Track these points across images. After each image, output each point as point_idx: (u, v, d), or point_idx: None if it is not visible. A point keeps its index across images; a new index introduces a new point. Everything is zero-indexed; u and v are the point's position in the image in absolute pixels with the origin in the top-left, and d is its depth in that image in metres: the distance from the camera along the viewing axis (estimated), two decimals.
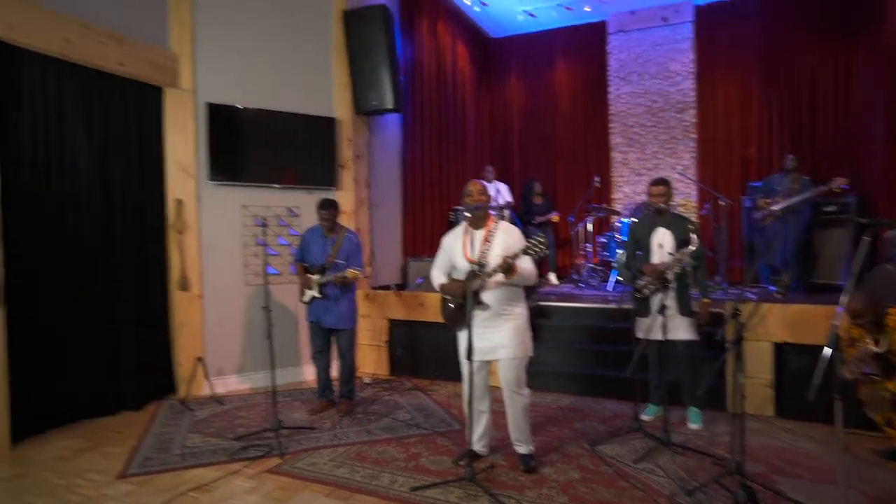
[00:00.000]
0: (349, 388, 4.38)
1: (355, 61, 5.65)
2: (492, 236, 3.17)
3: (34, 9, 3.73)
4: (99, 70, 4.20)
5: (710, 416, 4.00)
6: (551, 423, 4.06)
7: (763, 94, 7.48)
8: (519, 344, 3.15)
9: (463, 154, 7.92)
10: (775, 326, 4.09)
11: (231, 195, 5.07)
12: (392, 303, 5.45)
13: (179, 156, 4.80)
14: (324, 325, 4.26)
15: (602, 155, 8.40)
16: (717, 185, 7.60)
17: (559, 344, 5.16)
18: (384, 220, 6.22)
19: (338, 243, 4.29)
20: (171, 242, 4.76)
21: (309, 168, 5.43)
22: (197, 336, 4.81)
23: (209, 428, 3.95)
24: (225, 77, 5.02)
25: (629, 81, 8.32)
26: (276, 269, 5.25)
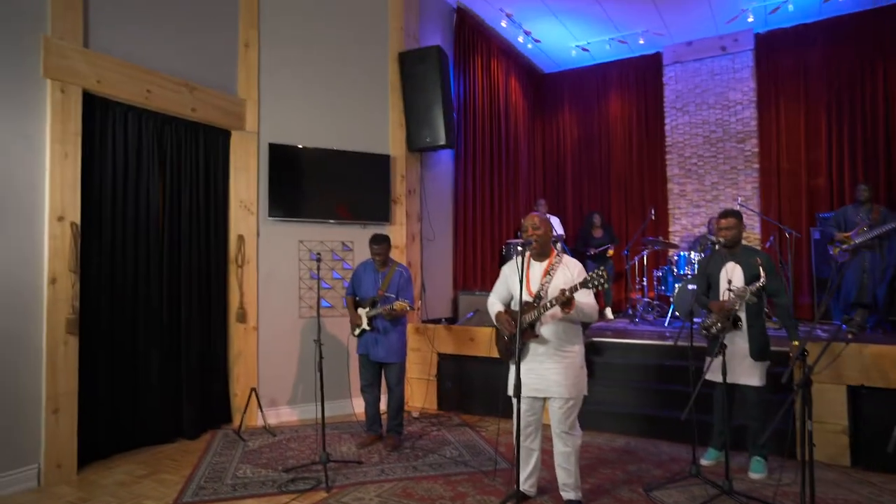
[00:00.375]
0: (397, 422, 4.37)
1: (410, 100, 5.84)
2: (553, 269, 3.13)
3: (120, 64, 4.09)
4: (173, 116, 4.53)
5: (777, 464, 3.72)
6: (603, 465, 3.89)
7: (832, 122, 7.16)
8: (573, 384, 3.06)
9: (515, 187, 7.95)
10: (850, 368, 3.80)
11: (288, 230, 5.28)
12: (442, 336, 5.45)
13: (242, 194, 5.06)
14: (373, 357, 4.31)
15: (658, 187, 8.22)
16: (782, 217, 7.27)
17: (613, 382, 4.99)
18: (436, 253, 6.29)
19: (388, 277, 4.36)
20: (232, 276, 4.98)
21: (363, 204, 5.59)
22: (252, 367, 4.97)
23: (260, 459, 4.03)
24: (286, 118, 5.30)
25: (686, 112, 8.16)
26: (329, 303, 5.39)
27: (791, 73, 7.47)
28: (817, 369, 3.63)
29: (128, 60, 4.17)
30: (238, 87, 5.10)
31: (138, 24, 4.30)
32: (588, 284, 2.83)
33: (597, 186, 8.69)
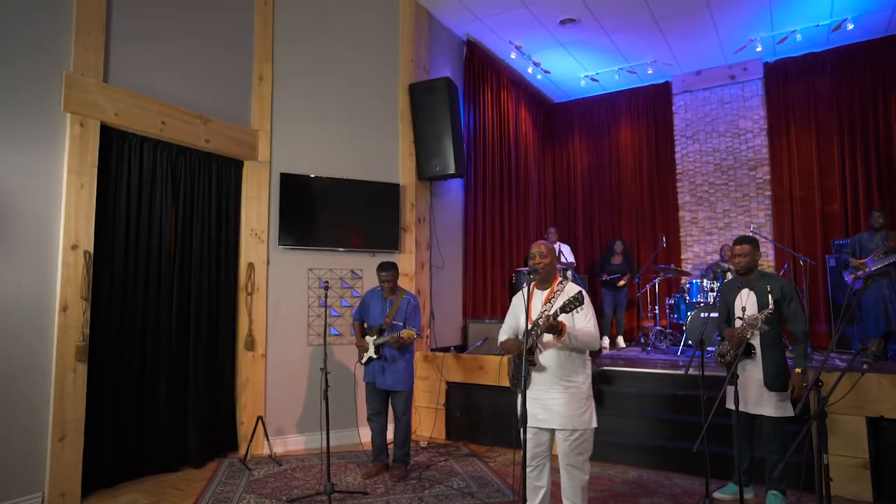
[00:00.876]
0: (404, 451, 4.31)
1: (420, 130, 5.92)
2: (554, 297, 3.10)
3: (136, 97, 4.23)
4: (187, 146, 4.64)
5: (797, 499, 3.60)
6: (615, 499, 3.78)
7: (844, 149, 7.13)
8: (578, 415, 2.98)
9: (525, 216, 7.96)
10: (870, 399, 3.69)
11: (298, 258, 5.33)
12: (451, 365, 5.40)
13: (253, 222, 5.13)
14: (380, 385, 4.28)
15: (670, 214, 8.19)
16: (796, 244, 7.19)
17: (624, 412, 4.89)
18: (445, 282, 6.28)
19: (396, 304, 4.36)
20: (241, 303, 5.02)
21: (373, 232, 5.63)
22: (259, 395, 4.96)
23: (265, 489, 3.99)
24: (298, 148, 5.40)
25: (696, 140, 8.18)
26: (337, 331, 5.39)
27: (801, 100, 7.47)
28: (831, 400, 3.55)
29: (144, 93, 4.30)
30: (251, 118, 5.23)
31: (156, 58, 4.45)
32: (566, 309, 2.81)
33: (608, 214, 8.68)
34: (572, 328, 2.90)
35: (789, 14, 6.54)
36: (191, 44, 4.73)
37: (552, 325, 2.82)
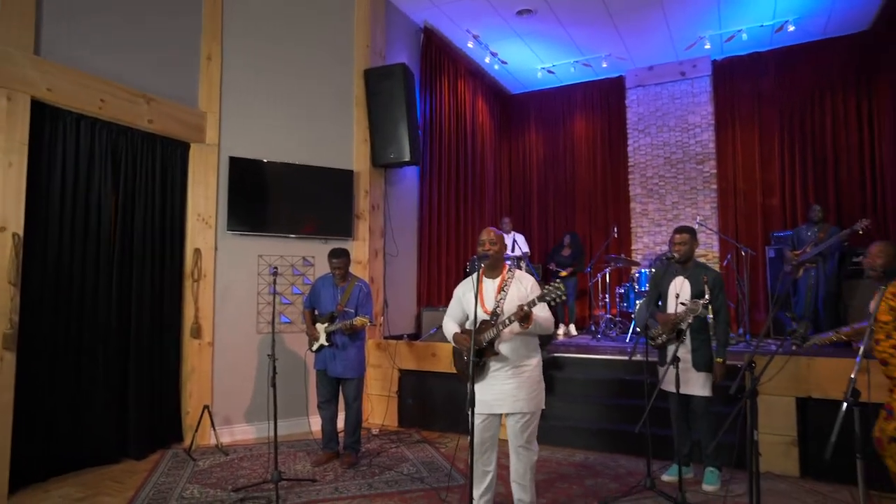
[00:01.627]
0: (354, 438, 4.29)
1: (375, 116, 5.85)
2: (507, 285, 3.11)
3: (72, 72, 4.01)
4: (129, 126, 4.44)
5: (732, 476, 3.76)
6: (561, 480, 3.87)
7: (784, 146, 7.45)
8: (531, 398, 3.03)
9: (481, 205, 8.01)
10: (798, 380, 3.89)
11: (248, 245, 5.20)
12: (403, 353, 5.40)
13: (200, 207, 4.97)
14: (331, 373, 4.24)
15: (621, 206, 8.39)
16: (738, 236, 7.48)
17: (573, 397, 5.00)
18: (399, 270, 6.26)
19: (348, 292, 4.31)
20: (187, 290, 4.87)
21: (325, 219, 5.54)
22: (205, 384, 4.83)
23: (210, 479, 3.90)
24: (248, 132, 5.25)
25: (648, 134, 8.38)
26: (288, 318, 5.30)
27: (746, 98, 7.76)
28: (763, 380, 3.72)
29: (82, 69, 4.09)
30: (199, 99, 5.05)
31: (95, 34, 4.24)
32: (545, 298, 2.83)
33: (562, 205, 8.83)
34: (536, 317, 2.93)
35: (736, 13, 6.76)
36: (134, 20, 4.52)
37: (526, 315, 2.83)
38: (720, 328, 3.68)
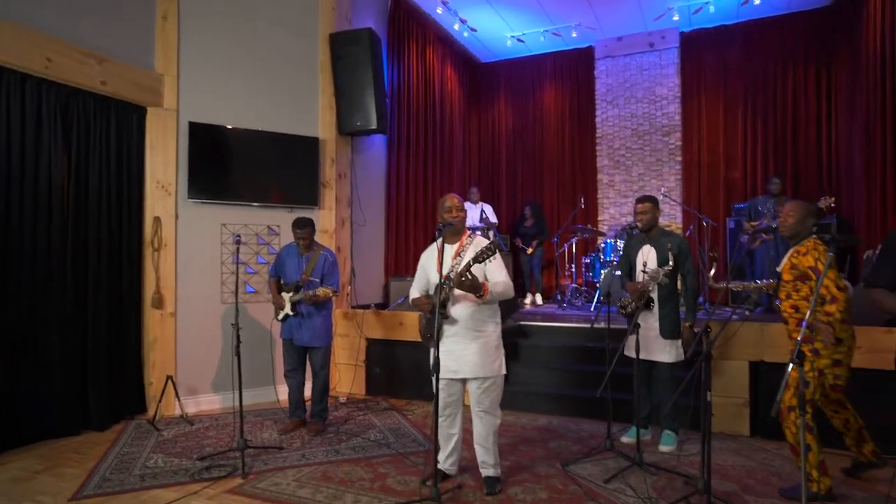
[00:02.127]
0: (321, 407, 4.31)
1: (341, 82, 5.71)
2: (464, 250, 3.15)
3: (12, 28, 3.78)
4: (80, 88, 4.23)
5: (687, 437, 3.93)
6: (525, 444, 3.98)
7: (747, 119, 7.58)
8: (489, 363, 3.09)
9: (450, 175, 7.97)
10: (751, 345, 4.05)
11: (210, 213, 5.07)
12: (371, 322, 5.40)
13: (159, 174, 4.81)
14: (297, 342, 4.22)
15: (589, 177, 8.46)
16: (701, 207, 7.65)
17: (538, 364, 5.11)
18: (367, 239, 6.21)
19: (313, 261, 4.27)
20: (148, 259, 4.74)
21: (290, 187, 5.44)
22: (169, 354, 4.76)
23: (174, 448, 3.87)
24: (209, 96, 5.07)
25: (616, 105, 8.42)
26: (253, 288, 5.23)
27: (712, 70, 7.84)
28: (717, 344, 3.86)
29: (25, 24, 3.86)
30: (155, 61, 4.84)
31: None
32: (479, 259, 2.88)
33: (530, 175, 8.86)
34: (492, 286, 2.97)
35: None
36: None
37: (474, 286, 2.86)
38: (687, 293, 3.77)
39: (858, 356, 3.61)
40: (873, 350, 3.63)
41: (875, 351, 3.63)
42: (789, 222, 3.05)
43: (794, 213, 3.05)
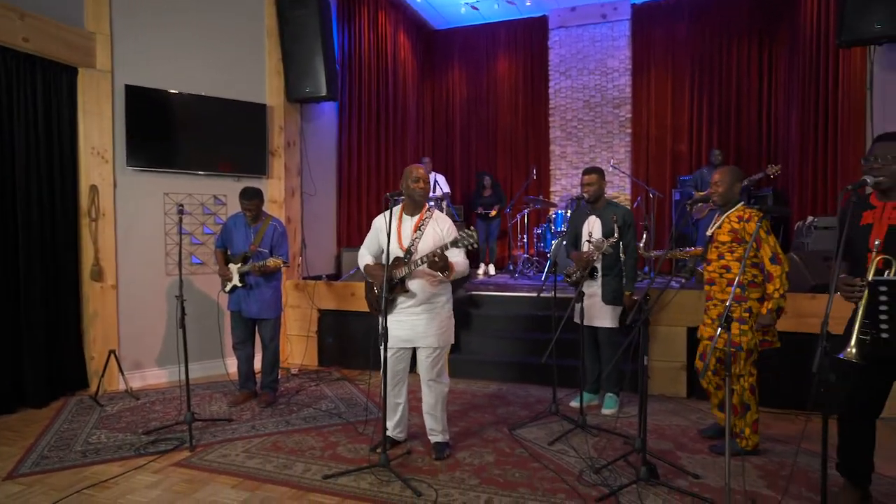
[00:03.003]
0: (272, 378, 4.28)
1: (288, 47, 5.52)
2: (424, 225, 3.14)
3: None
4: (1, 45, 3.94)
5: (629, 399, 4.12)
6: (475, 410, 4.08)
7: (694, 93, 7.76)
8: (440, 333, 3.13)
9: (403, 144, 7.88)
10: (688, 312, 4.24)
11: (151, 181, 4.87)
12: (322, 293, 5.37)
13: (94, 140, 4.57)
14: (245, 314, 4.16)
15: (541, 148, 8.53)
16: (649, 179, 7.85)
17: (489, 333, 5.22)
18: (318, 209, 6.12)
19: (261, 231, 4.18)
20: (84, 230, 4.53)
21: (237, 155, 5.27)
22: (111, 328, 4.61)
23: (119, 423, 3.79)
24: (147, 59, 4.81)
25: (569, 76, 8.46)
26: (200, 259, 5.10)
27: (661, 44, 7.96)
28: (657, 311, 4.03)
29: None
30: (85, 18, 4.54)
31: None
32: (458, 244, 2.89)
33: (484, 145, 8.86)
34: (455, 264, 2.99)
35: None
36: None
37: (445, 266, 2.87)
38: (628, 263, 3.89)
39: (785, 321, 3.86)
40: (798, 315, 3.87)
41: (800, 316, 3.87)
42: (720, 190, 3.18)
43: (723, 181, 3.18)
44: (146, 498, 2.76)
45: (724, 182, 3.16)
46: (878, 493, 2.71)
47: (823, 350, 2.05)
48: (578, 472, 2.99)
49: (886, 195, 2.38)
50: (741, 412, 3.15)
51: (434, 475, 2.99)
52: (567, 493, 2.77)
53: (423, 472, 3.04)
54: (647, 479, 2.81)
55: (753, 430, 3.17)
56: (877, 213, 2.37)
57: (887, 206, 2.36)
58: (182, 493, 2.80)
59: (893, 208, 2.34)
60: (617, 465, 3.04)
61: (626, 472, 2.98)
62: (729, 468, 2.40)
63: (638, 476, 2.82)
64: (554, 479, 2.93)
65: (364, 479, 2.93)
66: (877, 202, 2.40)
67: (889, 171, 2.30)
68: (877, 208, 2.38)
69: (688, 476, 2.95)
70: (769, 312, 2.98)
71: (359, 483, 2.89)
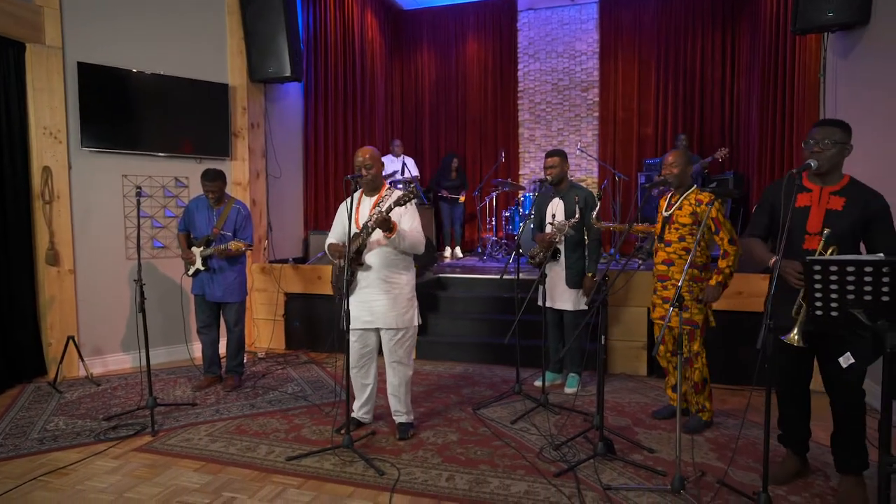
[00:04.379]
0: (237, 362, 4.26)
1: (250, 25, 5.38)
2: (382, 203, 3.15)
3: None
4: None
5: (592, 378, 4.22)
6: (441, 391, 4.14)
7: (660, 77, 7.84)
8: (402, 314, 3.15)
9: (371, 126, 7.80)
10: (649, 292, 4.32)
11: (109, 163, 4.74)
12: (289, 276, 5.33)
13: (46, 119, 4.41)
14: (209, 297, 4.11)
15: (510, 131, 8.55)
16: (616, 162, 7.96)
17: (456, 315, 5.27)
18: (284, 192, 6.04)
19: (224, 214, 4.12)
20: (38, 213, 4.40)
21: (199, 136, 5.15)
22: (69, 314, 4.51)
23: (78, 410, 3.73)
24: (100, 34, 4.64)
25: (538, 59, 8.48)
26: (161, 243, 5.00)
27: (629, 27, 8.01)
28: (619, 293, 4.12)
29: None
30: None
31: None
32: (401, 202, 2.91)
33: (453, 128, 8.82)
34: (400, 226, 3.00)
35: None
36: None
37: (384, 220, 2.88)
38: (591, 245, 3.95)
39: (739, 301, 4.01)
40: (752, 295, 4.01)
41: (753, 296, 4.01)
42: (675, 171, 3.25)
43: (677, 162, 3.25)
44: (105, 483, 2.74)
45: (679, 163, 3.24)
46: (817, 460, 2.86)
47: (767, 327, 2.14)
48: (539, 449, 3.07)
49: (823, 179, 2.47)
50: (701, 388, 3.26)
51: (397, 455, 3.04)
52: (526, 470, 2.84)
53: (387, 452, 3.08)
54: (603, 454, 2.90)
55: (711, 401, 3.31)
56: (814, 197, 2.46)
57: (825, 190, 2.45)
58: (142, 478, 2.79)
59: (831, 193, 2.44)
60: (576, 442, 3.14)
61: (584, 448, 3.07)
62: (679, 442, 2.50)
63: (595, 451, 2.91)
64: (515, 455, 3.01)
65: (327, 460, 2.95)
66: (811, 185, 2.50)
67: (827, 156, 2.39)
68: (813, 191, 2.47)
69: (643, 450, 3.06)
70: (718, 285, 3.08)
71: (322, 464, 2.92)
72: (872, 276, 1.65)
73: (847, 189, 2.42)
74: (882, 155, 3.54)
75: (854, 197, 2.39)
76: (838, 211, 2.40)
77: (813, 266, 1.75)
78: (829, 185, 2.45)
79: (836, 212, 2.40)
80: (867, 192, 2.40)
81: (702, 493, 2.58)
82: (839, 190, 2.43)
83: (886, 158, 3.48)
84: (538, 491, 2.63)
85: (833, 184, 2.46)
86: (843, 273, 1.70)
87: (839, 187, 2.44)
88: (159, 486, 2.71)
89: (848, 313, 1.75)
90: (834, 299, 1.77)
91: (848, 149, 2.44)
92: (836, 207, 2.40)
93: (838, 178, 2.46)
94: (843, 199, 2.41)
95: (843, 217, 2.38)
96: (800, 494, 2.58)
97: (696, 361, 3.22)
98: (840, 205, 2.40)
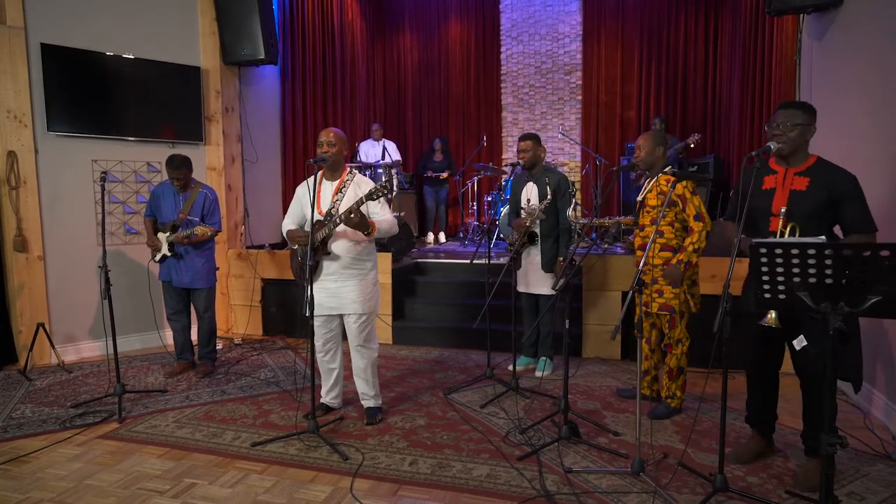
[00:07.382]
0: (209, 349, 4.23)
1: (223, 6, 5.27)
2: (345, 187, 3.12)
3: None
4: None
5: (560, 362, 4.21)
6: (413, 375, 4.14)
7: (643, 60, 7.79)
8: (367, 300, 3.14)
9: (352, 110, 7.71)
10: (625, 277, 4.36)
11: (78, 148, 4.66)
12: (266, 262, 5.29)
13: (10, 102, 4.32)
14: (176, 284, 4.07)
15: (493, 114, 8.49)
16: (599, 146, 7.92)
17: (433, 300, 5.26)
18: (261, 177, 5.97)
19: (190, 199, 4.06)
20: (4, 199, 4.33)
21: (171, 120, 5.07)
22: (39, 301, 4.46)
23: (47, 397, 3.70)
24: (64, 15, 4.53)
25: (521, 41, 8.38)
26: (134, 228, 4.94)
27: (612, 10, 7.93)
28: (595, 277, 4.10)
29: None
30: None
31: None
32: (373, 196, 2.87)
33: (436, 112, 8.75)
34: (378, 223, 2.98)
35: None
36: None
37: (362, 223, 2.85)
38: (562, 230, 3.94)
39: (714, 284, 4.01)
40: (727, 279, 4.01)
41: (734, 279, 4.00)
42: (641, 155, 3.23)
43: (644, 145, 3.23)
44: (66, 471, 2.72)
45: (645, 146, 3.21)
46: (780, 442, 2.89)
47: (724, 310, 2.14)
48: (505, 433, 3.07)
49: (787, 161, 2.46)
50: (676, 375, 3.27)
51: (364, 440, 3.04)
52: (490, 453, 2.85)
53: (354, 436, 3.08)
54: (568, 437, 2.91)
55: (683, 389, 3.31)
56: (779, 178, 2.45)
57: (789, 171, 2.44)
58: (105, 465, 2.77)
59: (795, 174, 2.43)
60: (543, 426, 3.15)
61: (551, 431, 3.08)
62: (639, 423, 2.51)
63: (560, 435, 2.92)
64: (480, 440, 3.01)
65: (292, 446, 2.95)
66: (777, 167, 2.48)
67: (790, 138, 2.37)
68: (778, 173, 2.46)
69: (609, 433, 3.07)
70: (679, 263, 3.05)
71: (287, 449, 2.91)
72: (816, 258, 1.64)
73: (812, 169, 2.41)
74: (854, 133, 3.53)
75: (820, 177, 2.38)
76: (802, 191, 2.39)
77: (759, 249, 1.74)
78: (794, 167, 2.44)
79: (800, 192, 2.39)
80: (835, 172, 2.38)
81: (661, 475, 2.60)
82: (804, 170, 2.42)
83: (859, 137, 3.47)
84: (499, 474, 2.63)
85: (798, 164, 2.44)
86: (788, 256, 1.69)
87: (804, 167, 2.43)
88: (121, 473, 2.69)
89: (794, 296, 1.75)
90: (781, 282, 1.77)
91: (811, 130, 2.42)
92: (800, 188, 2.40)
93: (804, 159, 2.45)
94: (807, 178, 2.40)
95: (807, 197, 2.37)
96: (758, 475, 2.60)
97: (675, 348, 3.21)
98: (804, 185, 2.39)
